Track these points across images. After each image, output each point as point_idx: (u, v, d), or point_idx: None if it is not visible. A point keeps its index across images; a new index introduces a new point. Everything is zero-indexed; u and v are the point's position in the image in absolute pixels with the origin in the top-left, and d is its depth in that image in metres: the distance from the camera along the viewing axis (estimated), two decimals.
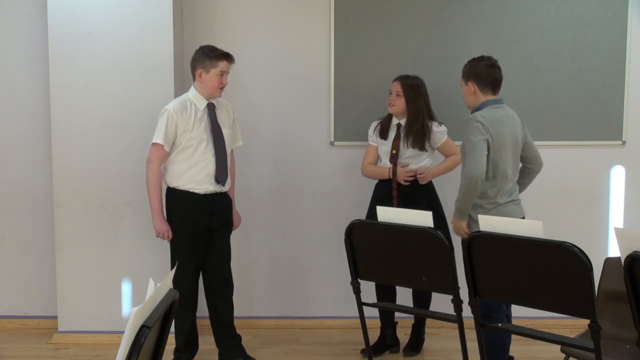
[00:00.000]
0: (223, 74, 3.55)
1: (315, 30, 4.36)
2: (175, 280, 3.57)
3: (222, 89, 3.58)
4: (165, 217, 3.63)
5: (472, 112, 3.39)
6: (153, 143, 3.54)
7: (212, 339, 3.83)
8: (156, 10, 4.03)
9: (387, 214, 2.89)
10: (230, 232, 3.78)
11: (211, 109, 3.61)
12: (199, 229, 3.59)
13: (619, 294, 2.85)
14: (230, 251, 3.77)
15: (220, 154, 3.59)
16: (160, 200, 3.59)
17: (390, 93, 3.90)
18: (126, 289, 4.20)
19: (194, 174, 3.56)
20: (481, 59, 3.42)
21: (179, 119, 3.51)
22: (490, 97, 3.37)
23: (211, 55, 3.53)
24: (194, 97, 3.59)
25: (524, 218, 3.42)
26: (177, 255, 3.60)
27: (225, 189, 3.66)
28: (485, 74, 3.36)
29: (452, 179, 4.17)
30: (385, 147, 3.93)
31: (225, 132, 3.64)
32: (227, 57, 3.55)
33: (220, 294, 3.74)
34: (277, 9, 4.37)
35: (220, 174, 3.60)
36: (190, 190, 3.56)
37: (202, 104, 3.58)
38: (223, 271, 3.73)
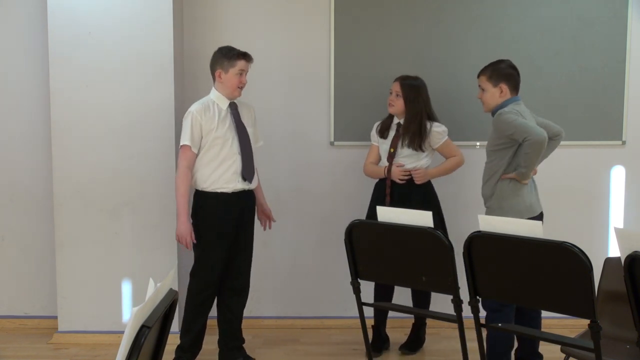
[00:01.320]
0: (242, 72, 3.61)
1: (315, 30, 4.36)
2: (200, 281, 3.63)
3: (241, 88, 3.64)
4: (193, 219, 3.64)
5: (494, 111, 3.46)
6: (181, 146, 3.57)
7: (212, 338, 3.83)
8: (156, 10, 4.03)
9: (387, 214, 2.89)
10: (253, 230, 3.78)
11: (234, 108, 3.66)
12: (228, 230, 3.62)
13: (619, 294, 2.85)
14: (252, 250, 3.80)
15: (246, 152, 3.63)
16: (187, 203, 3.58)
17: (391, 93, 3.91)
18: (126, 289, 4.20)
19: (222, 173, 3.59)
20: (501, 61, 3.52)
21: (203, 119, 3.55)
22: (513, 96, 3.48)
23: (229, 55, 3.59)
24: (216, 97, 3.63)
25: (542, 212, 3.50)
26: (206, 257, 3.63)
27: (252, 186, 3.71)
28: (513, 74, 3.47)
29: (455, 178, 4.19)
30: (385, 146, 3.95)
31: (249, 130, 3.69)
32: (245, 56, 3.62)
33: (239, 293, 3.77)
34: (277, 9, 4.37)
35: (247, 171, 3.63)
36: (219, 190, 3.59)
37: (224, 103, 3.63)
38: (246, 271, 3.77)
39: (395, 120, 3.94)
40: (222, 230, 3.61)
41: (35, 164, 4.37)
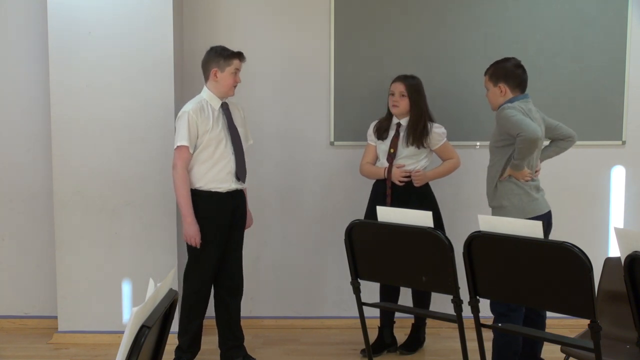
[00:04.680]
0: (237, 71, 3.63)
1: (315, 30, 4.36)
2: (195, 281, 3.62)
3: (235, 87, 3.65)
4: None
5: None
6: (177, 147, 3.55)
7: (212, 338, 3.84)
8: (156, 10, 4.03)
9: (387, 214, 2.89)
10: (244, 230, 3.80)
11: (225, 108, 3.67)
12: (222, 229, 3.62)
13: (619, 294, 2.85)
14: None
15: (239, 152, 3.65)
16: (191, 204, 3.56)
17: (392, 94, 3.89)
18: (126, 289, 4.20)
19: (216, 173, 3.59)
20: (507, 60, 3.50)
21: (199, 120, 3.54)
22: (518, 95, 3.46)
23: (225, 54, 3.61)
24: (209, 97, 3.63)
25: (550, 211, 3.49)
26: (201, 257, 3.61)
27: (245, 185, 3.73)
28: (515, 74, 3.45)
29: (456, 178, 4.19)
30: (383, 147, 3.93)
31: (240, 130, 3.69)
32: (240, 55, 3.65)
33: (234, 293, 3.76)
34: (277, 9, 4.37)
35: (241, 171, 3.65)
36: (214, 190, 3.59)
37: (216, 103, 3.63)
38: (239, 270, 3.77)
39: (395, 120, 3.93)
40: (217, 229, 3.61)
41: (35, 164, 4.37)
